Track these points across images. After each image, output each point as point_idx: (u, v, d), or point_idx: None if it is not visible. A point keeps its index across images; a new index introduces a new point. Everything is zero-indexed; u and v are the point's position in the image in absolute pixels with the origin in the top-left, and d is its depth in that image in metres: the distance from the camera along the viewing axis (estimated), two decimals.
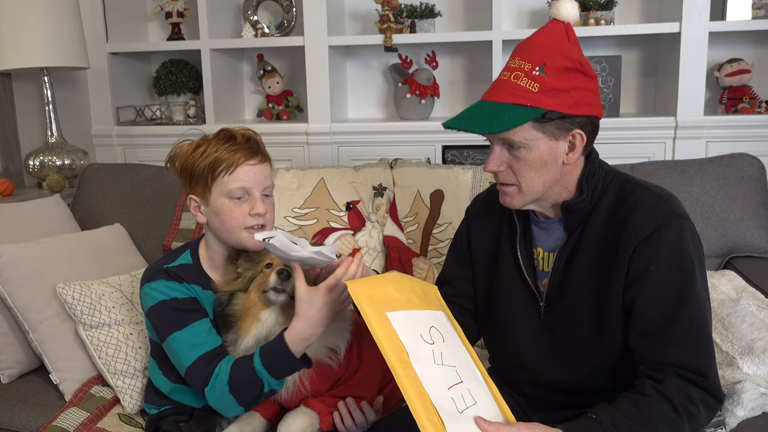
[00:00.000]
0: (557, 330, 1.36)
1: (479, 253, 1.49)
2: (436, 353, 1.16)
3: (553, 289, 1.35)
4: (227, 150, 1.42)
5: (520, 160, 1.26)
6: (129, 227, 2.24)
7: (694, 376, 1.21)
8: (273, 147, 2.75)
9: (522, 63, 1.24)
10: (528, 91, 1.22)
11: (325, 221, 2.16)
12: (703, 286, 1.26)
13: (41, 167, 2.60)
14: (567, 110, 1.22)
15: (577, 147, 1.26)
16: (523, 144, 1.24)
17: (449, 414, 1.08)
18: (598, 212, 1.32)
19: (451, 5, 2.92)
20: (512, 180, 1.30)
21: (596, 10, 2.63)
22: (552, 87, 1.21)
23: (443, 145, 2.73)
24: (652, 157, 2.52)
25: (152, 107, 3.14)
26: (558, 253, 1.34)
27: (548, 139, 1.24)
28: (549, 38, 1.25)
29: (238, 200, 1.43)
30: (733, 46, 2.72)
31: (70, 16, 2.51)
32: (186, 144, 1.49)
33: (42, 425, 1.62)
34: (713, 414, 1.24)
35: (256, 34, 2.90)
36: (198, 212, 1.48)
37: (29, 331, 1.74)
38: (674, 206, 1.28)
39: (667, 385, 1.20)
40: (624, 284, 1.27)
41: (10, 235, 1.89)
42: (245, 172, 1.43)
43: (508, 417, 1.20)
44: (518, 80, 1.23)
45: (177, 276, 1.46)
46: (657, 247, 1.24)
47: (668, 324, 1.23)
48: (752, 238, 2.04)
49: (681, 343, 1.22)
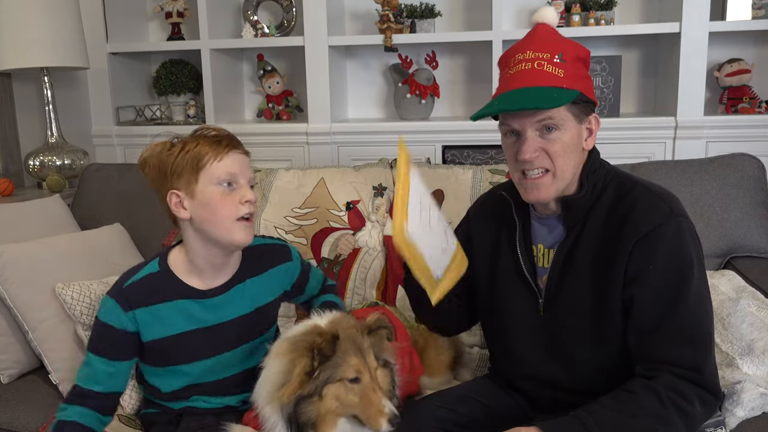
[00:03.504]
0: (556, 326, 1.37)
1: (480, 254, 1.50)
2: (432, 224, 1.31)
3: (553, 285, 1.36)
4: (210, 142, 1.40)
5: (555, 142, 1.28)
6: (129, 227, 2.24)
7: (688, 373, 1.21)
8: (273, 147, 2.78)
9: (539, 54, 1.27)
10: (557, 77, 1.26)
11: (325, 221, 2.16)
12: (702, 283, 1.26)
13: (41, 167, 2.60)
14: (589, 94, 1.29)
15: (593, 132, 1.33)
16: (561, 125, 1.28)
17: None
18: (597, 209, 1.33)
19: (451, 5, 2.91)
20: (548, 165, 1.29)
21: (596, 10, 2.63)
22: (574, 73, 1.27)
23: (443, 145, 2.73)
24: (652, 157, 2.52)
25: (152, 107, 3.14)
26: (557, 250, 1.35)
27: (576, 122, 1.30)
28: (551, 34, 1.31)
29: (228, 187, 1.38)
30: (733, 46, 2.72)
31: (70, 16, 2.51)
32: (158, 143, 1.44)
33: (42, 425, 1.62)
34: (711, 411, 1.24)
35: (256, 34, 2.90)
36: (180, 208, 1.40)
37: (29, 331, 1.74)
38: (673, 205, 1.29)
39: (656, 381, 1.20)
40: (623, 282, 1.27)
41: (10, 235, 1.89)
42: (233, 159, 1.40)
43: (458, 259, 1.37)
44: (543, 68, 1.26)
45: (128, 301, 1.43)
46: (655, 246, 1.24)
47: (663, 321, 1.23)
48: (752, 238, 2.04)
49: (675, 341, 1.22)
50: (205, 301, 1.47)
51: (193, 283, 1.47)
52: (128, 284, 1.45)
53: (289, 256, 1.60)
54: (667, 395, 1.19)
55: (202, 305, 1.47)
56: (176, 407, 1.53)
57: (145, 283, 1.45)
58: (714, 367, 1.25)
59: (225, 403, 1.54)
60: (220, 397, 1.53)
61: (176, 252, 1.50)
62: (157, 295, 1.45)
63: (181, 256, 1.49)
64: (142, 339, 1.45)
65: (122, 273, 1.51)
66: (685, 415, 1.19)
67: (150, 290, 1.45)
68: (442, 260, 1.33)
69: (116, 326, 1.43)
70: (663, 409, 1.18)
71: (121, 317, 1.43)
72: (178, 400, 1.53)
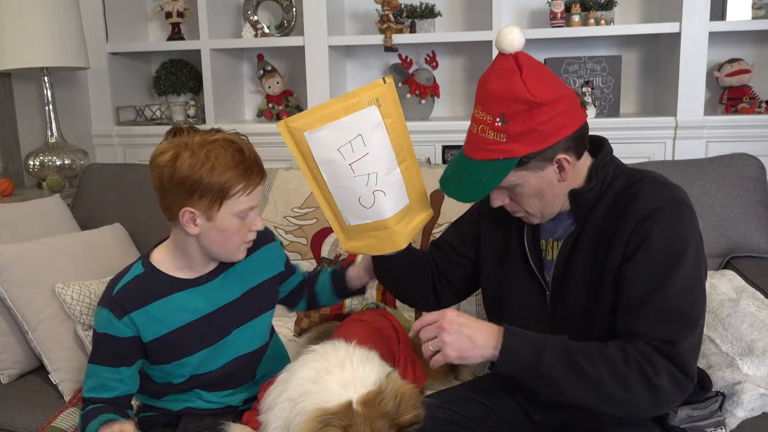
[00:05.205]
0: (562, 317, 1.37)
1: (488, 249, 1.50)
2: (355, 167, 1.32)
3: (558, 276, 1.37)
4: (241, 172, 1.35)
5: (518, 194, 1.31)
6: (129, 227, 2.24)
7: (662, 345, 1.20)
8: (273, 147, 2.77)
9: (484, 115, 1.26)
10: (497, 143, 1.24)
11: (325, 221, 2.16)
12: (693, 273, 1.24)
13: (41, 167, 2.60)
14: (540, 147, 1.24)
15: (566, 167, 1.28)
16: (516, 183, 1.28)
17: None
18: (604, 200, 1.33)
19: (451, 5, 2.91)
20: (518, 209, 1.35)
21: (596, 10, 2.63)
22: (517, 133, 1.23)
23: (443, 145, 2.73)
24: (652, 157, 2.52)
25: (152, 107, 3.14)
26: (564, 241, 1.36)
27: (534, 173, 1.28)
28: (501, 82, 1.24)
29: (243, 218, 1.40)
30: (733, 46, 2.72)
31: (70, 16, 2.51)
32: (168, 153, 1.34)
33: (41, 425, 1.62)
34: (682, 392, 1.22)
35: (256, 34, 2.90)
36: (192, 224, 1.36)
37: (29, 331, 1.74)
38: (677, 194, 1.28)
39: (630, 345, 1.21)
40: (619, 264, 1.28)
41: (10, 235, 1.89)
42: (257, 192, 1.40)
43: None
44: (485, 134, 1.26)
45: (121, 307, 1.42)
46: (651, 227, 1.24)
47: (647, 298, 1.23)
48: (752, 238, 2.04)
49: (655, 317, 1.22)
50: (197, 289, 1.47)
51: (183, 276, 1.47)
52: (117, 290, 1.44)
53: (272, 238, 1.62)
54: (634, 357, 1.19)
55: (195, 293, 1.47)
56: (176, 409, 1.53)
57: (134, 286, 1.45)
58: (691, 350, 1.22)
59: (226, 402, 1.54)
60: (222, 393, 1.54)
61: (161, 250, 1.50)
62: (148, 295, 1.44)
63: (168, 254, 1.48)
64: (143, 340, 1.45)
65: (108, 281, 1.49)
66: (648, 384, 1.18)
67: (140, 291, 1.44)
68: (359, 211, 1.38)
69: (114, 334, 1.42)
70: (626, 367, 1.18)
71: (118, 325, 1.42)
72: (179, 399, 1.53)
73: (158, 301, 1.45)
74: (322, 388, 1.23)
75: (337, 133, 1.30)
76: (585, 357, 1.21)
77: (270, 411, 1.29)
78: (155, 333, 1.45)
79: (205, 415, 1.51)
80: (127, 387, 1.46)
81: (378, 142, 1.33)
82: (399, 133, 1.38)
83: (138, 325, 1.43)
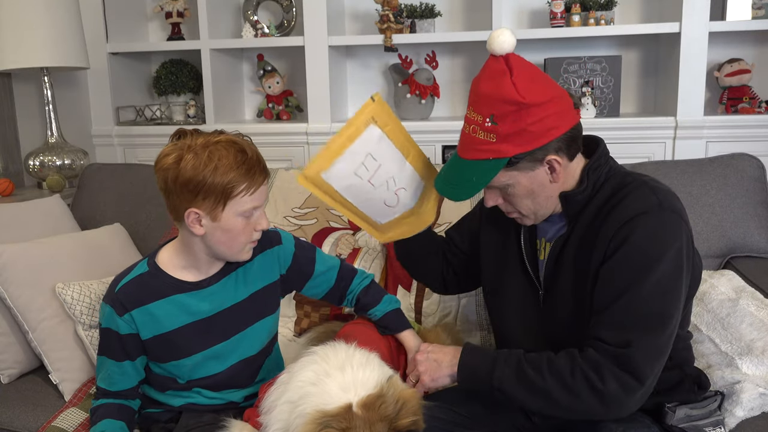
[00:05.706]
0: (553, 317, 1.39)
1: (487, 245, 1.53)
2: (374, 180, 1.44)
3: (548, 276, 1.39)
4: (244, 172, 1.36)
5: (510, 195, 1.33)
6: (129, 227, 2.24)
7: (614, 350, 1.21)
8: (273, 147, 2.78)
9: (475, 115, 1.28)
10: (488, 143, 1.26)
11: (325, 221, 2.16)
12: (671, 276, 1.24)
13: (41, 167, 2.60)
14: (530, 147, 1.25)
15: (557, 168, 1.29)
16: (507, 183, 1.30)
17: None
18: (594, 203, 1.34)
19: (451, 5, 2.91)
20: (512, 210, 1.38)
21: (596, 10, 2.63)
22: (507, 133, 1.24)
23: (443, 145, 2.73)
24: (652, 157, 2.52)
25: (152, 107, 3.14)
26: (554, 242, 1.38)
27: (525, 174, 1.29)
28: (491, 83, 1.25)
29: (248, 218, 1.41)
30: (733, 46, 2.72)
31: (70, 16, 2.51)
32: (172, 155, 1.36)
33: (41, 425, 1.62)
34: (633, 396, 1.21)
35: (256, 34, 2.90)
36: (197, 225, 1.38)
37: (29, 331, 1.74)
38: (663, 199, 1.28)
39: (581, 353, 1.24)
40: (599, 266, 1.28)
41: (10, 235, 1.89)
42: (261, 192, 1.41)
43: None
44: (476, 134, 1.28)
45: (122, 304, 1.45)
46: (631, 231, 1.25)
47: (613, 302, 1.24)
48: (752, 238, 2.04)
49: (615, 322, 1.23)
50: (199, 292, 1.48)
51: (186, 277, 1.49)
52: (119, 288, 1.47)
53: (279, 240, 1.60)
54: (580, 366, 1.22)
55: (197, 297, 1.48)
56: (177, 404, 1.54)
57: (136, 284, 1.47)
58: (648, 354, 1.21)
59: (227, 398, 1.55)
60: (222, 391, 1.54)
61: (167, 250, 1.51)
62: (149, 294, 1.46)
63: (174, 254, 1.50)
64: (141, 338, 1.46)
65: (114, 276, 1.52)
66: (594, 391, 1.21)
67: (142, 290, 1.46)
68: (386, 211, 1.50)
69: (115, 330, 1.46)
70: (571, 376, 1.22)
71: (118, 321, 1.45)
72: (179, 396, 1.53)
73: (159, 300, 1.46)
74: (321, 391, 1.23)
75: (348, 162, 1.41)
76: (534, 368, 1.26)
77: (270, 413, 1.30)
78: (154, 331, 1.46)
79: (205, 411, 1.51)
80: (131, 381, 1.50)
81: (385, 152, 1.43)
82: (398, 133, 1.45)
83: (137, 322, 1.46)
